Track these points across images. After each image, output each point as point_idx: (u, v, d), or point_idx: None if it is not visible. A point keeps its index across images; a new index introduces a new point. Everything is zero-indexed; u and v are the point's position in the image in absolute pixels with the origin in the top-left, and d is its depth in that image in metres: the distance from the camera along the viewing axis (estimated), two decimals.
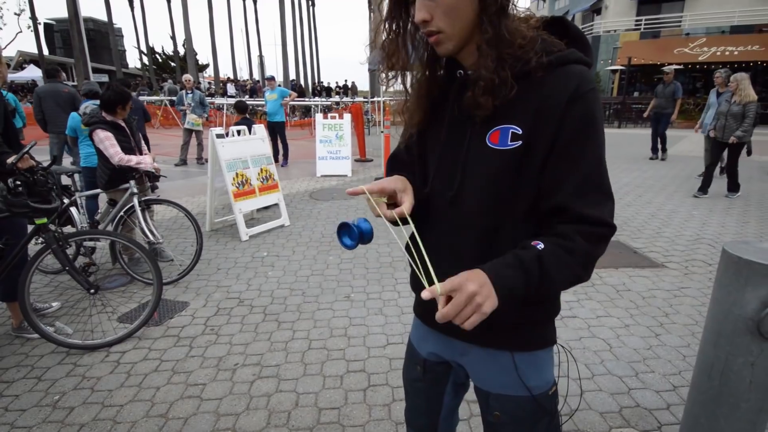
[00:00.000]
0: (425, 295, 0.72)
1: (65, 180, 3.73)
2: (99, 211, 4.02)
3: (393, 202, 0.92)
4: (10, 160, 2.54)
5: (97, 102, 4.31)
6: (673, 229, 4.88)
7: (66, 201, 3.52)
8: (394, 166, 1.09)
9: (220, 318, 3.04)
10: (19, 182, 2.50)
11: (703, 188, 6.35)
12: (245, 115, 6.22)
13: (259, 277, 3.70)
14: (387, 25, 0.89)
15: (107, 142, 3.35)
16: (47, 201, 2.59)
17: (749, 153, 9.55)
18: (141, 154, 3.65)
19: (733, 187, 6.30)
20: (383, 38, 0.90)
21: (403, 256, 4.09)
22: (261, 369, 2.47)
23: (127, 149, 3.47)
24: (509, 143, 0.84)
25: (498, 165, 0.85)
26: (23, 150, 2.62)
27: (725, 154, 6.42)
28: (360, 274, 3.75)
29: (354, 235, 0.90)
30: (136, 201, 3.44)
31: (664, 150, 9.52)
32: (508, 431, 1.00)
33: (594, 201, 0.81)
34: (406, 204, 0.88)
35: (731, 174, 6.27)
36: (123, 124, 3.54)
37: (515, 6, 0.83)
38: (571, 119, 0.80)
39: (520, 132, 0.83)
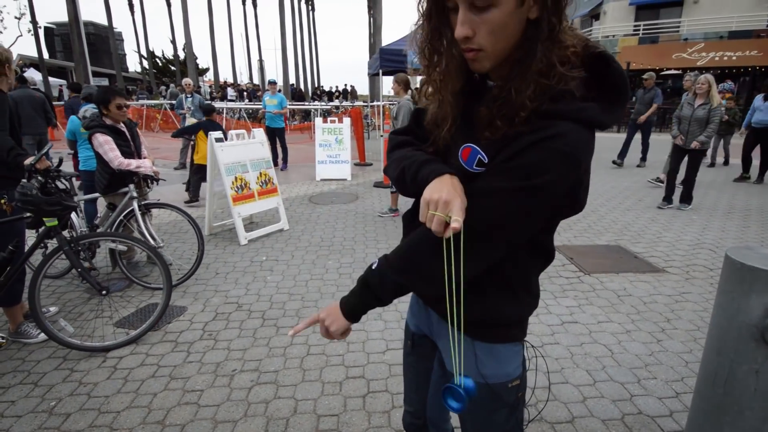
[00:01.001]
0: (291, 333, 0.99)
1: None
2: (98, 215, 4.01)
3: None
4: (28, 162, 2.58)
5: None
6: (674, 233, 4.86)
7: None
8: (409, 138, 1.04)
9: (219, 323, 3.01)
10: (44, 182, 2.57)
11: (667, 197, 5.95)
12: (211, 117, 6.21)
13: (258, 282, 3.68)
14: (427, 32, 0.85)
15: (106, 146, 3.33)
16: (65, 200, 2.63)
17: (725, 162, 9.59)
18: (140, 158, 3.63)
19: (687, 197, 5.84)
20: (423, 45, 0.87)
21: None
22: (259, 375, 2.44)
23: (127, 153, 3.46)
24: (474, 167, 0.83)
25: (464, 183, 0.83)
26: (41, 151, 2.67)
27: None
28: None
29: (460, 396, 0.86)
30: (135, 205, 3.43)
31: (644, 158, 9.29)
32: (467, 416, 1.04)
33: (480, 217, 0.80)
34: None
35: (688, 183, 5.81)
36: (123, 128, 3.52)
37: (565, 30, 0.76)
38: (527, 158, 0.75)
39: (486, 161, 0.82)
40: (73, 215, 3.54)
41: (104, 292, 2.78)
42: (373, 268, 0.95)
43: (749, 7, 20.69)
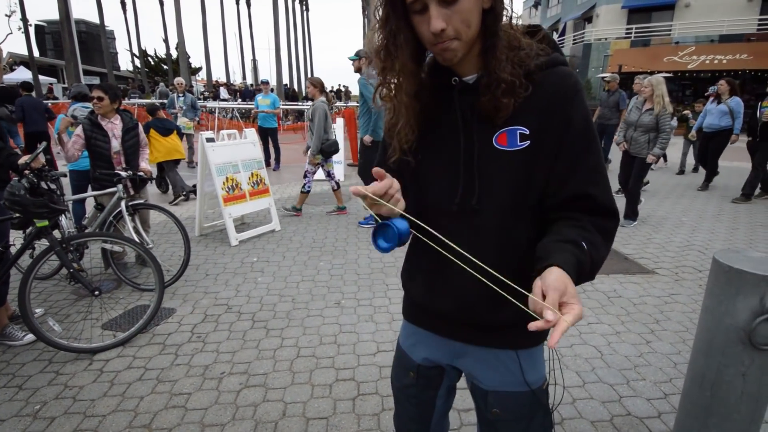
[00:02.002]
0: (542, 324, 0.66)
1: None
2: (86, 215, 3.96)
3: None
4: (22, 161, 2.56)
5: (86, 104, 4.26)
6: (663, 235, 4.90)
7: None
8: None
9: (208, 325, 2.98)
10: (33, 182, 2.55)
11: (630, 216, 5.31)
12: (156, 116, 6.24)
13: (248, 284, 3.66)
14: (384, 35, 0.88)
15: (74, 138, 3.42)
16: (54, 202, 2.61)
17: (695, 169, 8.93)
18: (126, 159, 3.59)
19: (631, 212, 5.24)
20: (379, 48, 0.90)
21: (395, 261, 4.06)
22: (248, 378, 2.42)
23: (101, 148, 3.45)
24: (519, 143, 0.88)
25: (510, 166, 0.89)
26: (36, 151, 2.66)
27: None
28: (351, 280, 3.72)
29: (390, 235, 0.84)
30: (123, 205, 3.39)
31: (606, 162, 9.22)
32: (507, 427, 1.02)
33: (605, 187, 0.88)
34: (401, 203, 0.85)
35: (632, 195, 5.24)
36: (111, 124, 3.50)
37: (509, 14, 0.87)
38: (577, 115, 0.87)
39: (528, 132, 0.87)
40: (62, 216, 3.50)
41: (97, 292, 2.76)
42: (585, 249, 0.82)
43: (740, 11, 20.95)
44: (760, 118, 6.17)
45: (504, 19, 0.86)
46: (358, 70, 5.22)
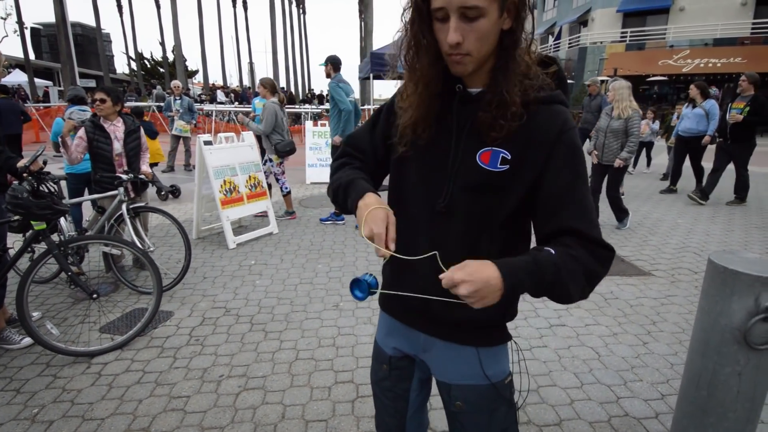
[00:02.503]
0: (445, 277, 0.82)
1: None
2: (86, 219, 3.96)
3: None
4: (21, 164, 2.56)
5: (83, 107, 4.26)
6: (660, 237, 4.93)
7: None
8: (351, 149, 1.15)
9: (206, 328, 2.98)
10: (33, 185, 2.56)
11: (621, 218, 5.28)
12: (141, 120, 6.27)
13: (246, 286, 3.66)
14: (412, 36, 0.92)
15: (77, 140, 3.41)
16: (55, 204, 2.61)
17: (665, 176, 8.42)
18: (128, 160, 3.60)
19: (621, 214, 5.25)
20: (406, 50, 0.94)
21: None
22: (247, 380, 2.42)
23: (104, 150, 3.45)
24: (498, 166, 0.92)
25: (484, 183, 0.94)
26: (35, 153, 2.66)
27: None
28: (349, 282, 3.71)
29: (363, 287, 0.97)
30: (124, 208, 3.39)
31: None
32: (470, 419, 1.07)
33: (592, 222, 0.90)
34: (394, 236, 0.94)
35: (613, 202, 5.19)
36: (114, 126, 3.51)
37: (528, 40, 0.91)
38: (563, 149, 0.91)
39: (509, 157, 0.92)
40: (61, 219, 3.50)
41: (95, 295, 2.76)
42: (552, 253, 0.86)
43: (733, 15, 21.14)
44: (728, 120, 6.12)
45: (522, 43, 0.89)
46: (327, 75, 5.36)
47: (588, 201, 0.92)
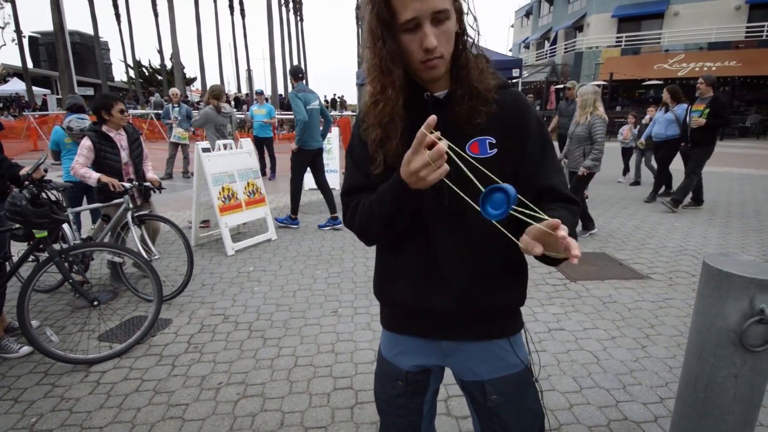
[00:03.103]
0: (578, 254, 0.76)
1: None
2: (92, 226, 3.97)
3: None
4: (23, 172, 2.58)
5: (82, 116, 4.27)
6: (657, 240, 4.95)
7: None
8: (353, 198, 1.09)
9: (204, 335, 2.98)
10: (34, 193, 2.56)
11: (585, 226, 5.10)
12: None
13: (245, 293, 3.65)
14: (380, 52, 0.93)
15: (79, 149, 3.38)
16: (55, 213, 2.62)
17: (636, 182, 8.27)
18: (135, 169, 3.61)
19: (586, 222, 5.09)
20: (377, 65, 0.94)
21: None
22: (246, 388, 2.42)
23: (112, 161, 3.45)
24: (488, 151, 1.00)
25: (487, 168, 0.97)
26: (37, 162, 2.68)
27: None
28: (348, 288, 3.73)
29: (498, 202, 0.81)
30: (129, 217, 3.39)
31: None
32: (507, 409, 1.09)
33: (564, 180, 1.05)
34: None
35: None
36: (119, 135, 3.52)
37: (476, 40, 1.00)
38: (534, 123, 1.03)
39: (495, 141, 1.00)
40: (66, 227, 3.49)
41: (96, 302, 2.76)
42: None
43: (728, 19, 21.33)
44: (689, 124, 5.99)
45: (469, 42, 0.98)
46: (292, 85, 5.56)
47: (558, 163, 1.06)
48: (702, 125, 5.80)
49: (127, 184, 3.42)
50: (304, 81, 5.49)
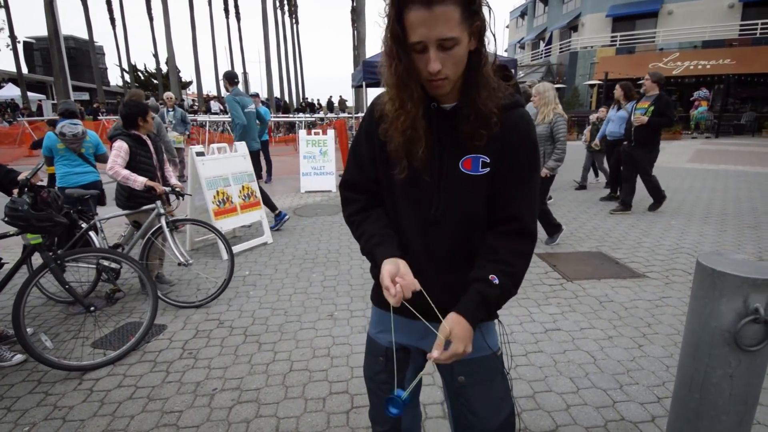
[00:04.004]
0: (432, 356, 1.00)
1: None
2: (122, 233, 3.92)
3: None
4: (22, 177, 2.60)
5: (74, 121, 4.23)
6: (653, 239, 4.95)
7: (84, 225, 3.42)
8: (353, 194, 1.21)
9: (199, 341, 2.96)
10: (35, 198, 2.56)
11: (551, 233, 4.82)
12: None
13: (240, 297, 3.63)
14: (397, 68, 0.97)
15: (115, 151, 3.35)
16: (56, 216, 2.61)
17: (581, 186, 7.79)
18: (161, 172, 3.61)
19: (551, 230, 4.79)
20: (397, 81, 0.99)
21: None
22: (240, 393, 2.40)
23: (147, 164, 3.47)
24: (480, 170, 1.05)
25: (471, 188, 1.06)
26: (35, 167, 2.69)
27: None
28: (344, 291, 3.71)
29: (398, 404, 1.02)
30: (163, 222, 3.36)
31: None
32: (473, 392, 1.18)
33: (534, 213, 1.10)
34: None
35: (541, 214, 4.62)
36: (147, 140, 3.53)
37: (492, 59, 1.03)
38: (526, 151, 1.06)
39: (489, 161, 1.04)
40: (93, 234, 3.46)
41: (92, 309, 2.75)
42: (495, 283, 1.04)
43: (721, 17, 21.43)
44: (633, 122, 5.68)
45: (486, 60, 1.00)
46: (225, 89, 5.66)
47: (536, 195, 1.10)
48: (644, 123, 5.51)
49: (167, 188, 3.41)
50: (239, 85, 5.69)
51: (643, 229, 5.31)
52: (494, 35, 1.00)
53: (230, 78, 5.69)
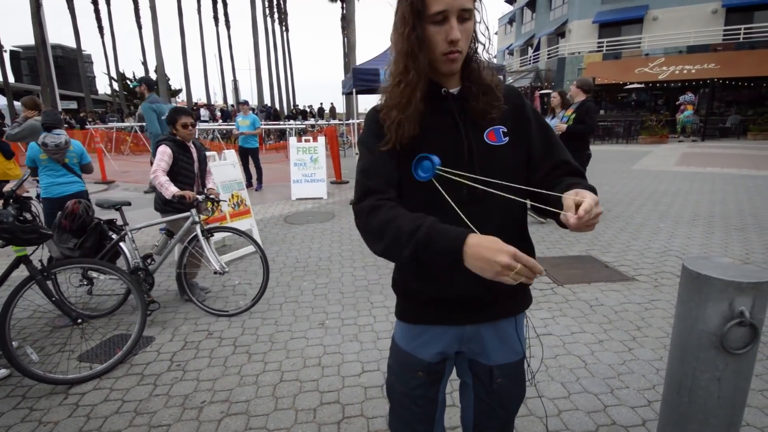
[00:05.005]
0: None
1: (112, 214, 3.48)
2: (155, 243, 3.86)
3: None
4: (7, 188, 2.60)
5: (57, 131, 4.15)
6: (642, 242, 4.99)
7: (114, 236, 3.37)
8: (379, 185, 1.07)
9: (188, 352, 2.91)
10: (19, 210, 2.55)
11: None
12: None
13: (230, 307, 3.59)
14: (409, 38, 1.01)
15: (159, 155, 3.36)
16: (42, 228, 2.58)
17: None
18: (202, 184, 3.60)
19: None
20: (407, 49, 1.02)
21: (379, 278, 4.06)
22: (230, 405, 2.36)
23: (187, 170, 3.47)
24: (503, 139, 1.12)
25: (501, 156, 1.11)
26: (21, 179, 2.69)
27: None
28: (335, 300, 3.68)
29: (429, 169, 1.04)
30: (199, 230, 3.32)
31: None
32: (507, 392, 1.23)
33: (570, 155, 1.18)
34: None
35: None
36: (191, 147, 3.52)
37: (484, 42, 1.11)
38: (530, 114, 1.18)
39: (506, 130, 1.13)
40: (124, 245, 3.40)
41: (79, 321, 2.71)
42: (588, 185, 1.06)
43: (705, 22, 21.83)
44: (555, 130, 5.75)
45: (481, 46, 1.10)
46: (141, 95, 5.58)
47: (559, 140, 1.19)
48: (563, 131, 5.28)
49: (200, 197, 3.36)
50: (156, 92, 5.66)
51: (632, 233, 5.36)
52: (487, 26, 1.09)
53: (149, 84, 5.63)
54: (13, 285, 2.55)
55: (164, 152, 3.38)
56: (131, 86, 37.07)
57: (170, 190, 3.30)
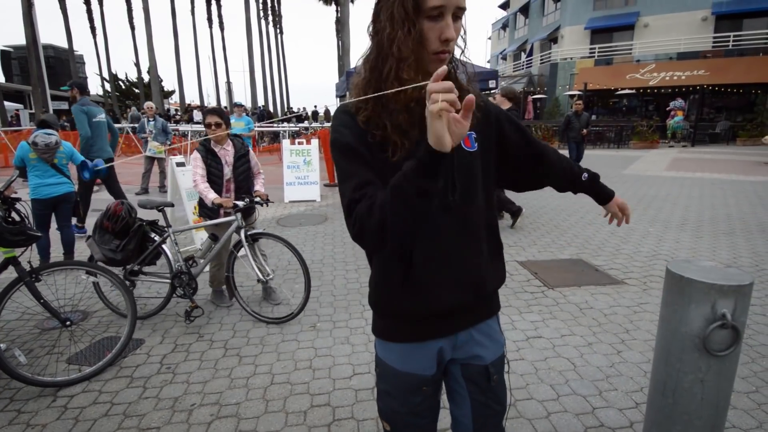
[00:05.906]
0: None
1: (154, 214, 3.44)
2: (199, 246, 3.76)
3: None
4: None
5: (49, 131, 4.14)
6: (632, 245, 5.04)
7: (157, 238, 3.31)
8: (365, 188, 1.00)
9: (178, 355, 2.90)
10: (7, 211, 2.53)
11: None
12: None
13: (221, 310, 3.58)
14: (405, 32, 0.95)
15: (193, 163, 3.35)
16: (30, 229, 2.57)
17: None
18: (236, 185, 3.50)
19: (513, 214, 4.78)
20: (401, 42, 0.95)
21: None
22: (220, 408, 2.36)
23: (214, 175, 3.38)
24: (474, 144, 1.13)
25: (475, 162, 1.12)
26: (9, 179, 2.66)
27: None
28: (327, 302, 3.69)
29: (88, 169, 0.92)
30: (243, 235, 3.24)
31: None
32: (499, 386, 1.24)
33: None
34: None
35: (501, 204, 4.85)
36: (224, 150, 3.42)
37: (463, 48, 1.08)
38: (505, 118, 1.23)
39: (476, 135, 1.13)
40: (167, 247, 3.34)
41: (68, 323, 2.69)
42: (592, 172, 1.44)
43: (695, 29, 22.15)
44: None
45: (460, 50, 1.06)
46: (73, 99, 5.60)
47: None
48: None
49: (240, 203, 3.25)
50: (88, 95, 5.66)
51: (622, 237, 5.41)
52: (465, 30, 1.03)
53: (81, 87, 5.64)
54: (1, 286, 2.53)
55: (195, 158, 3.35)
56: (127, 85, 36.85)
57: (209, 197, 3.26)
